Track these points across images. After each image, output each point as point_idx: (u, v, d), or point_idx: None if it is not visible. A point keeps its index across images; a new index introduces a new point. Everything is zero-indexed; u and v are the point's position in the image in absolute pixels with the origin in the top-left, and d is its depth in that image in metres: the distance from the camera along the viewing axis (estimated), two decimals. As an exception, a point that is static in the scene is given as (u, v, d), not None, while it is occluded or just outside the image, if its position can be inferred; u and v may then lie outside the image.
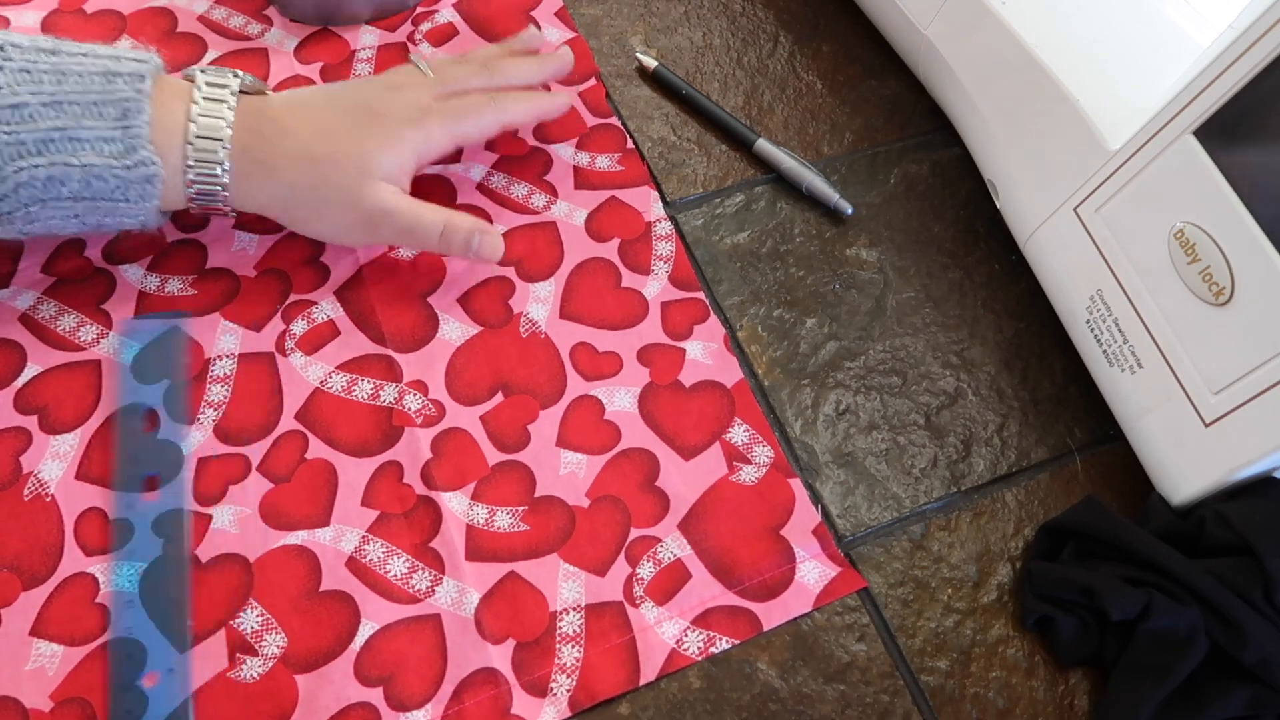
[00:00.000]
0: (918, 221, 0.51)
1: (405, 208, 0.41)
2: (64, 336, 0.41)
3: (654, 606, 0.38)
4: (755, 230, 0.49)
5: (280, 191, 0.40)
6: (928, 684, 0.38)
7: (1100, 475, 0.44)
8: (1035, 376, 0.47)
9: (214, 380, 0.41)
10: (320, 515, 0.39)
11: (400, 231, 0.42)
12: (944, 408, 0.45)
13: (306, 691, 0.35)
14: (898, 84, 0.56)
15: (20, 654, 0.35)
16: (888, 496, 0.42)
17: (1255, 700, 0.36)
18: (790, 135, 0.53)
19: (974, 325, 0.48)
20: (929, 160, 0.53)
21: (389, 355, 0.43)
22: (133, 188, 0.37)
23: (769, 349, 0.46)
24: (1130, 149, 0.40)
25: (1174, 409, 0.40)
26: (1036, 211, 0.46)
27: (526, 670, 0.36)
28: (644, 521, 0.40)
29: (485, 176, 0.48)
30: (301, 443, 0.40)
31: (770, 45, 0.56)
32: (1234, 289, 0.37)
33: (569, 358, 0.44)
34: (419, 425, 0.41)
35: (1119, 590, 0.37)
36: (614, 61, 0.54)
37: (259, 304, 0.43)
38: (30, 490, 0.38)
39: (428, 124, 0.42)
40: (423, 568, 0.38)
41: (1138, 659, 0.37)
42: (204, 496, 0.38)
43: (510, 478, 0.40)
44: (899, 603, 0.40)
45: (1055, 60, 0.45)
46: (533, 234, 0.47)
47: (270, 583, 0.37)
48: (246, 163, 0.39)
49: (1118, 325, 0.42)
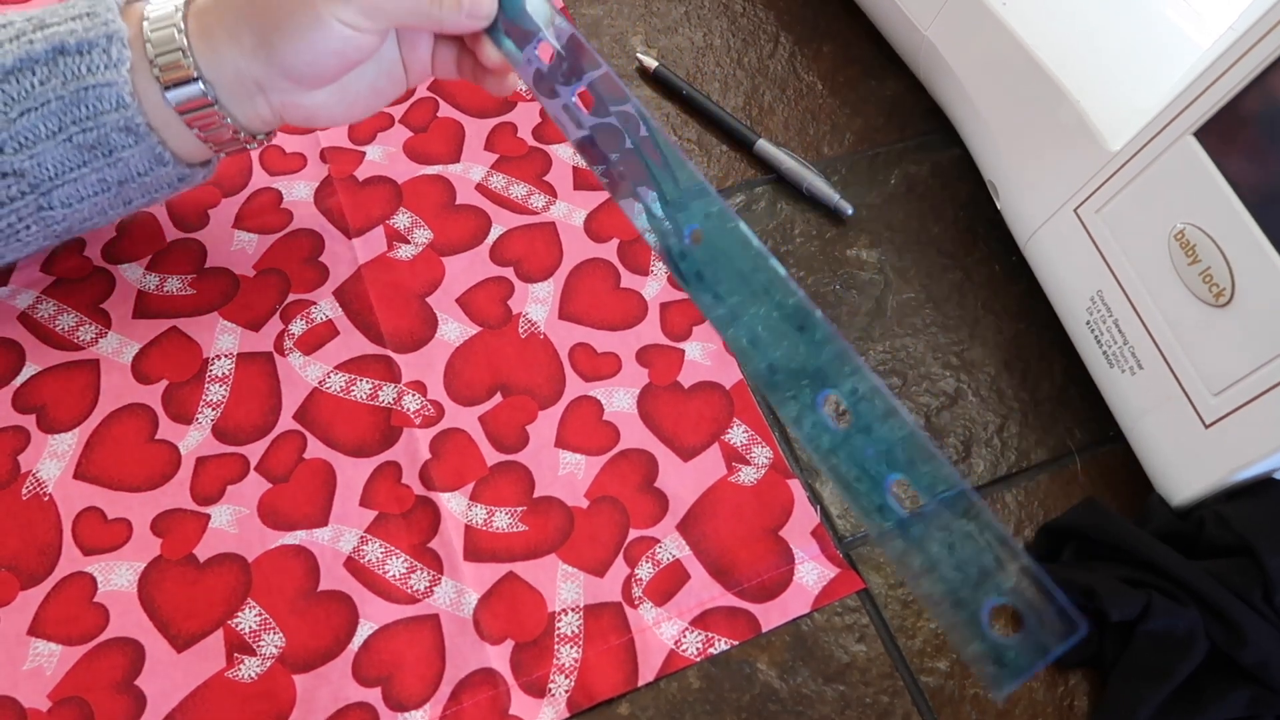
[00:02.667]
0: (918, 222, 0.51)
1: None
2: (63, 336, 0.41)
3: (653, 607, 0.38)
4: (755, 230, 0.49)
5: (243, 22, 0.35)
6: (927, 685, 0.38)
7: (1100, 476, 0.44)
8: (1035, 377, 0.47)
9: (212, 380, 0.41)
10: (319, 515, 0.39)
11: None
12: (944, 408, 0.45)
13: (304, 691, 0.35)
14: (898, 85, 0.56)
15: (18, 654, 0.35)
16: (887, 497, 0.42)
17: (1254, 701, 0.36)
18: (790, 136, 0.53)
19: (974, 326, 0.48)
20: (929, 161, 0.53)
21: (388, 355, 0.42)
22: (98, 53, 0.34)
23: (768, 349, 0.45)
24: (1131, 150, 0.40)
25: (1174, 410, 0.40)
26: (1037, 212, 0.46)
27: (525, 671, 0.36)
28: (643, 522, 0.40)
29: (485, 177, 0.48)
30: (300, 443, 0.40)
31: (771, 46, 0.56)
32: (1234, 290, 0.37)
33: (568, 358, 0.44)
34: (418, 425, 0.41)
35: (1118, 591, 0.37)
36: (614, 61, 0.54)
37: (258, 303, 0.43)
38: (28, 489, 0.38)
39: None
40: (421, 568, 0.38)
41: (1137, 660, 0.37)
42: (202, 496, 0.38)
43: (509, 478, 0.40)
44: (899, 603, 0.40)
45: (1056, 61, 0.45)
46: (532, 234, 0.47)
47: (268, 583, 0.37)
48: (200, 20, 0.35)
49: (1118, 326, 0.42)
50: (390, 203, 0.47)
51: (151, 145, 0.36)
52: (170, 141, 0.37)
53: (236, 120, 0.37)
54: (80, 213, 0.37)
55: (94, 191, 0.36)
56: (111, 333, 0.41)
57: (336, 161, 0.47)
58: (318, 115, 0.38)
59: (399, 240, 0.46)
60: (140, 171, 0.37)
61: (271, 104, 0.37)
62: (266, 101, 0.37)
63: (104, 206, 0.37)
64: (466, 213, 0.47)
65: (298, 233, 0.45)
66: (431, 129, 0.49)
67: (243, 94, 0.36)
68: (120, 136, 0.35)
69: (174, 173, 0.38)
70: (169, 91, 0.35)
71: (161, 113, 0.36)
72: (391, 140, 0.49)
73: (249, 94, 0.36)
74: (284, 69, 0.35)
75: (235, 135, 0.37)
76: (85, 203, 0.37)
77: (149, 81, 0.35)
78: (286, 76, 0.36)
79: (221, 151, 0.39)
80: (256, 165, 0.47)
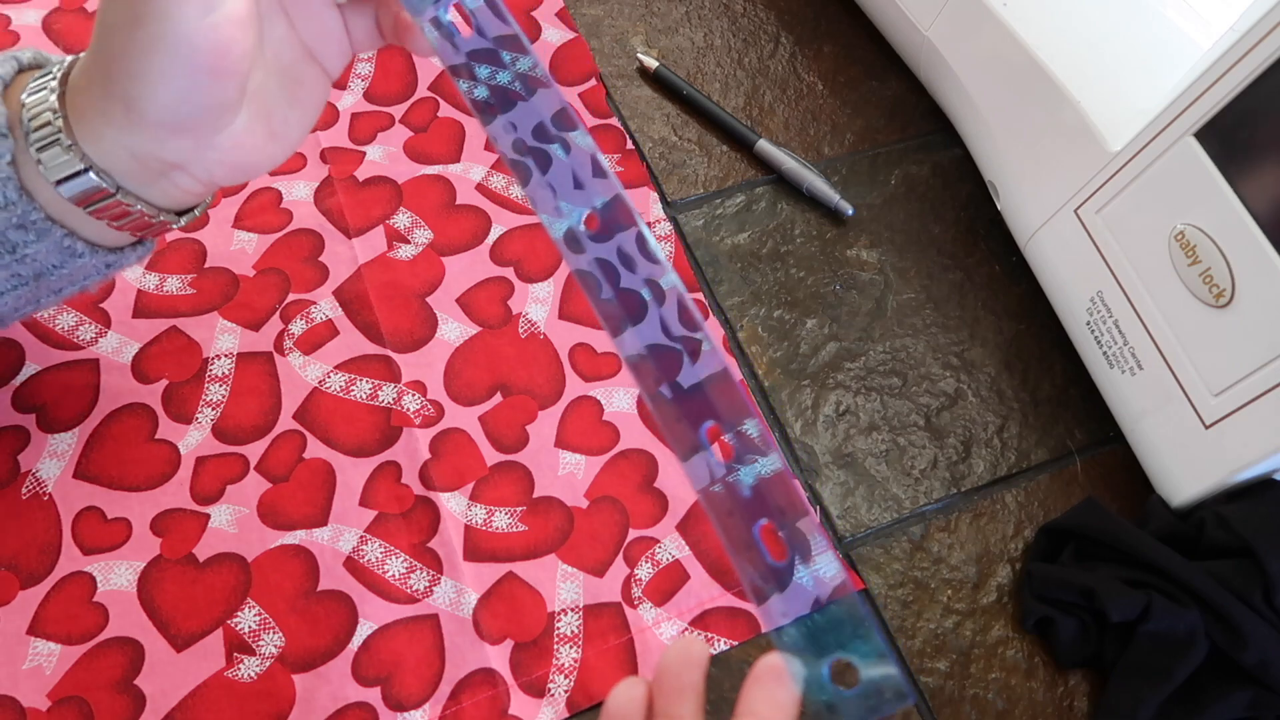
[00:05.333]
0: (918, 223, 0.51)
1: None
2: (62, 335, 0.41)
3: (652, 607, 0.38)
4: (756, 231, 0.49)
5: (98, 87, 0.28)
6: (927, 685, 0.38)
7: (1100, 477, 0.44)
8: (1035, 378, 0.47)
9: (212, 380, 0.41)
10: (318, 515, 0.39)
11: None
12: (944, 409, 0.45)
13: (304, 691, 0.35)
14: (899, 85, 0.56)
15: (18, 653, 0.35)
16: (887, 497, 0.42)
17: (1255, 702, 0.36)
18: (791, 136, 0.53)
19: (974, 326, 0.48)
20: (930, 161, 0.53)
21: (388, 355, 0.42)
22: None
23: (769, 349, 0.45)
24: (1131, 150, 0.40)
25: (1174, 411, 0.40)
26: (1037, 213, 0.46)
27: (524, 671, 0.36)
28: (642, 522, 0.40)
29: (485, 177, 0.48)
30: (300, 442, 0.40)
31: (771, 46, 0.56)
32: (1234, 291, 0.37)
33: (568, 358, 0.44)
34: (417, 425, 0.41)
35: (1119, 592, 0.37)
36: (615, 62, 0.54)
37: (258, 303, 0.43)
38: (28, 489, 0.38)
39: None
40: (421, 568, 0.38)
41: (1137, 661, 0.37)
42: (201, 496, 0.38)
43: (509, 478, 0.40)
44: (898, 604, 0.40)
45: (1056, 62, 0.45)
46: (532, 234, 0.47)
47: (268, 582, 0.37)
48: (75, 100, 0.29)
49: (1118, 327, 0.42)
50: (390, 203, 0.47)
51: (57, 240, 0.30)
52: (85, 230, 0.31)
53: (154, 204, 0.31)
54: (3, 307, 0.32)
55: (10, 287, 0.31)
56: (111, 332, 0.41)
57: (337, 161, 0.47)
58: (248, 159, 0.31)
59: (399, 240, 0.46)
60: (55, 264, 0.31)
61: (195, 176, 0.30)
62: (187, 175, 0.30)
63: (28, 299, 0.32)
64: (467, 213, 0.47)
65: (298, 232, 0.45)
66: (432, 129, 0.49)
67: (151, 176, 0.30)
68: (18, 234, 0.29)
69: (97, 262, 0.32)
70: (60, 186, 0.29)
71: (65, 204, 0.30)
72: (392, 140, 0.49)
73: (159, 174, 0.30)
74: (162, 120, 0.28)
75: (155, 220, 0.31)
76: (4, 298, 0.31)
77: (39, 174, 0.29)
78: (175, 129, 0.28)
79: (149, 236, 0.33)
80: (257, 165, 0.47)
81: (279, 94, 0.31)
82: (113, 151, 0.29)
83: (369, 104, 0.50)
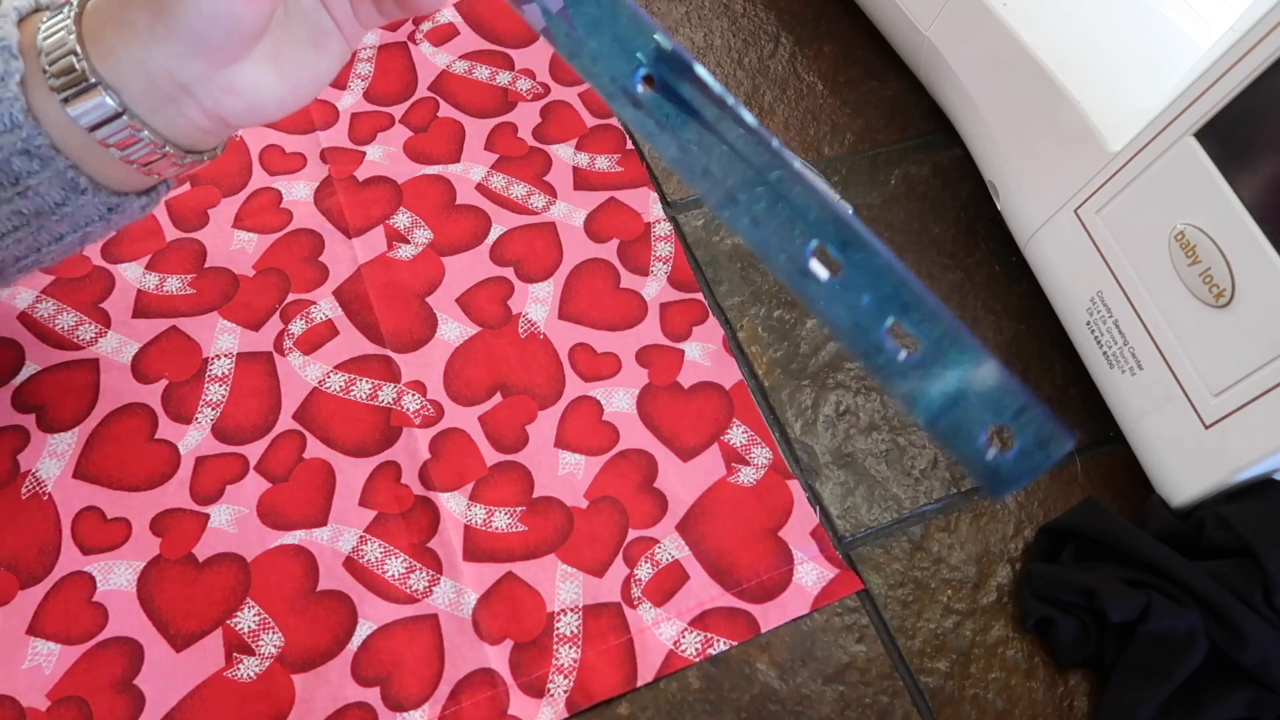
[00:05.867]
0: (918, 223, 0.51)
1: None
2: (62, 335, 0.41)
3: (652, 608, 0.38)
4: (755, 231, 0.49)
5: (128, 2, 0.30)
6: (927, 685, 0.38)
7: (1100, 477, 0.44)
8: (1035, 378, 0.47)
9: (212, 380, 0.41)
10: (318, 515, 0.39)
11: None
12: (944, 409, 0.45)
13: (303, 691, 0.35)
14: (899, 85, 0.56)
15: (17, 653, 0.35)
16: (887, 497, 0.42)
17: (1255, 702, 0.36)
18: (791, 136, 0.53)
19: (974, 326, 0.48)
20: (930, 161, 0.53)
21: (387, 355, 0.42)
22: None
23: (769, 349, 0.45)
24: (1131, 150, 0.40)
25: (1174, 411, 0.40)
26: (1037, 213, 0.46)
27: (524, 671, 0.36)
28: (642, 522, 0.40)
29: (485, 177, 0.48)
30: (299, 442, 0.40)
31: (771, 46, 0.56)
32: (1234, 291, 0.37)
33: (568, 358, 0.44)
34: (417, 425, 0.41)
35: (1119, 592, 0.37)
36: (614, 62, 0.54)
37: (258, 303, 0.43)
38: (28, 489, 0.38)
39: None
40: (420, 568, 0.38)
41: (1137, 661, 0.37)
42: (201, 496, 0.38)
43: (508, 478, 0.40)
44: (898, 603, 0.40)
45: (1056, 62, 0.45)
46: (531, 235, 0.47)
47: (267, 582, 0.37)
48: (92, 20, 0.30)
49: (1118, 327, 0.42)
50: (390, 203, 0.47)
51: (60, 170, 0.31)
52: (90, 166, 0.31)
53: (160, 133, 0.31)
54: (3, 251, 0.32)
55: (11, 226, 0.32)
56: (111, 332, 0.41)
57: (336, 161, 0.47)
58: (260, 99, 0.32)
59: (399, 240, 0.46)
60: (57, 201, 0.31)
61: (203, 105, 0.31)
62: (195, 103, 0.31)
63: (29, 245, 0.33)
64: (466, 213, 0.47)
65: (298, 232, 0.45)
66: (432, 129, 0.49)
67: (161, 99, 0.30)
68: (21, 161, 0.30)
69: (100, 202, 0.32)
70: (69, 107, 0.30)
71: (72, 133, 0.30)
72: (392, 140, 0.49)
73: (169, 98, 0.30)
74: (190, 35, 0.29)
75: (162, 152, 0.31)
76: (4, 240, 0.32)
77: (48, 97, 0.30)
78: (198, 47, 0.29)
79: (156, 175, 0.33)
80: (256, 165, 0.47)
81: (299, 47, 0.31)
82: (125, 70, 0.30)
83: (369, 104, 0.50)
